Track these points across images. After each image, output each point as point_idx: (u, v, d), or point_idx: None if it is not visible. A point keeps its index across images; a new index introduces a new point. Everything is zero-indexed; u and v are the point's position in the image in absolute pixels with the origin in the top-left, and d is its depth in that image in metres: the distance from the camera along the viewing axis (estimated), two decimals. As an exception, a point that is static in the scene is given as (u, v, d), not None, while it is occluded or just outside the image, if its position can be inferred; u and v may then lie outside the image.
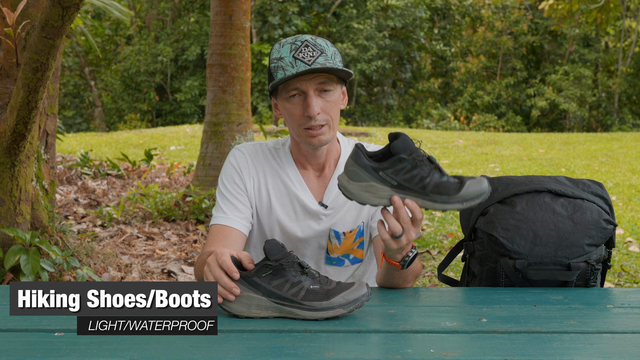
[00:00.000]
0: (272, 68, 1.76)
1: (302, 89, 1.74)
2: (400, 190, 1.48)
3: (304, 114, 1.74)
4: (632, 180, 8.04)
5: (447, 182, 1.46)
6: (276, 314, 1.43)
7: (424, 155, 1.47)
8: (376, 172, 1.48)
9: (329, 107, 1.76)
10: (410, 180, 1.46)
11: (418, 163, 1.46)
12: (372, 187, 1.48)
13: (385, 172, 1.47)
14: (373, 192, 1.49)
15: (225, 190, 1.88)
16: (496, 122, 22.56)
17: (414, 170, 1.46)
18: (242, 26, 5.99)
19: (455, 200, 1.46)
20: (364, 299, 1.42)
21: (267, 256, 1.43)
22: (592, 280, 1.77)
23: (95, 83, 23.07)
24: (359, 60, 21.17)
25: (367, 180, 1.48)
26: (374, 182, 1.48)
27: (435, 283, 4.06)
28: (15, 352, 1.23)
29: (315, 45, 1.74)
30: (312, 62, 1.71)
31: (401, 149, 1.47)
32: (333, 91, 1.77)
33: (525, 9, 23.90)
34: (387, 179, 1.48)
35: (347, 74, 1.75)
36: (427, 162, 1.47)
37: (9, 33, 2.67)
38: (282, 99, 1.78)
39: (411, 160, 1.46)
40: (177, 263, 4.27)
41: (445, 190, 1.46)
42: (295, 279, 1.42)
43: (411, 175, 1.46)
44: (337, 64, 1.75)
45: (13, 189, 2.85)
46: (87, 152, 7.99)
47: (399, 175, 1.47)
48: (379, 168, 1.47)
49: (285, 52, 1.73)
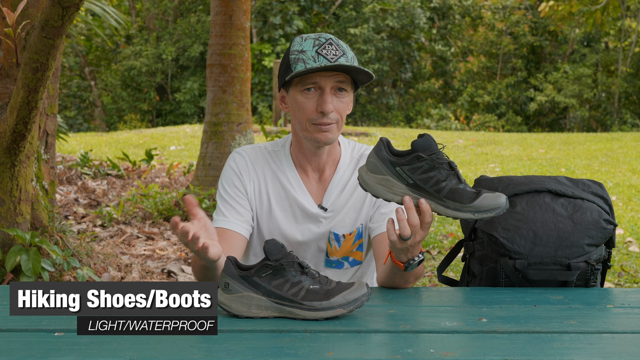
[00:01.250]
0: (292, 59, 1.75)
1: (320, 84, 1.74)
2: (414, 189, 1.47)
3: (317, 109, 1.75)
4: (632, 180, 8.04)
5: (464, 189, 1.45)
6: (276, 314, 1.43)
7: (445, 160, 1.46)
8: (393, 167, 1.48)
9: (341, 108, 1.78)
10: (427, 181, 1.46)
11: (436, 165, 1.45)
12: (387, 181, 1.48)
13: (402, 168, 1.47)
14: (388, 187, 1.49)
15: (225, 194, 1.88)
16: (496, 122, 22.55)
17: (431, 172, 1.45)
18: (242, 26, 5.99)
19: (467, 210, 1.45)
20: (364, 299, 1.42)
21: (267, 256, 1.44)
22: (592, 280, 1.77)
23: (95, 83, 23.07)
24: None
25: (383, 173, 1.48)
26: (390, 177, 1.48)
27: (435, 283, 4.06)
28: (15, 352, 1.23)
29: (339, 45, 1.76)
30: (335, 60, 1.72)
31: (421, 147, 1.46)
32: (347, 93, 1.78)
33: (525, 9, 23.91)
34: (403, 175, 1.47)
35: (368, 76, 1.76)
36: (447, 166, 1.46)
37: (9, 33, 2.67)
38: (295, 91, 1.78)
39: (429, 160, 1.45)
40: (177, 263, 4.27)
41: (460, 197, 1.45)
42: (295, 279, 1.42)
43: (428, 176, 1.46)
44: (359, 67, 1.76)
45: (13, 189, 2.85)
46: (87, 152, 7.99)
47: (415, 174, 1.46)
48: (397, 163, 1.47)
49: (308, 46, 1.74)
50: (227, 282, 1.45)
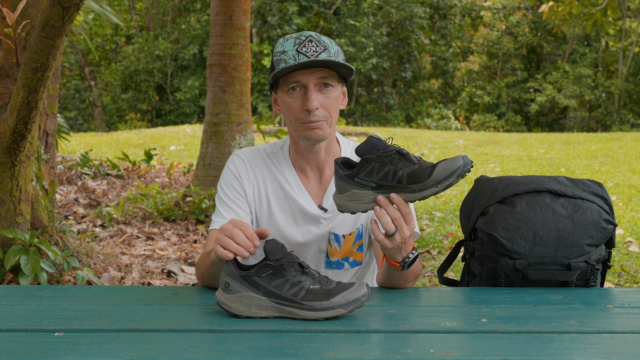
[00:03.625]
0: (275, 61, 1.76)
1: (302, 82, 1.74)
2: (381, 190, 1.49)
3: (303, 107, 1.74)
4: (632, 180, 8.04)
5: (419, 169, 1.46)
6: (276, 313, 1.43)
7: (393, 150, 1.47)
8: (352, 179, 1.49)
9: (329, 104, 1.76)
10: (385, 177, 1.47)
11: (385, 159, 1.47)
12: (355, 195, 1.50)
13: (360, 177, 1.49)
14: (357, 199, 1.51)
15: (224, 196, 1.88)
16: (496, 122, 22.56)
17: (385, 168, 1.47)
18: (242, 26, 5.99)
19: (430, 184, 1.45)
20: (364, 299, 1.42)
21: (267, 256, 1.43)
22: (592, 280, 1.77)
23: (95, 83, 23.07)
24: (355, 59, 21.18)
25: (348, 189, 1.50)
26: (355, 189, 1.50)
27: (435, 283, 4.06)
28: (15, 352, 1.23)
29: (319, 41, 1.74)
30: (315, 57, 1.71)
31: (365, 150, 1.48)
32: (333, 88, 1.77)
33: (525, 9, 23.90)
34: (364, 183, 1.49)
35: (348, 70, 1.75)
36: (396, 154, 1.47)
37: (9, 33, 2.67)
38: (282, 92, 1.78)
39: (377, 158, 1.47)
40: (177, 263, 4.27)
41: (419, 177, 1.46)
42: (295, 279, 1.42)
43: (384, 173, 1.47)
44: (339, 61, 1.75)
45: (13, 189, 2.85)
46: (87, 152, 7.99)
47: (373, 177, 1.48)
48: (353, 174, 1.49)
49: (289, 45, 1.74)
50: (227, 282, 1.45)
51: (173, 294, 1.65)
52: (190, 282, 3.94)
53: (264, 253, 1.44)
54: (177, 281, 3.98)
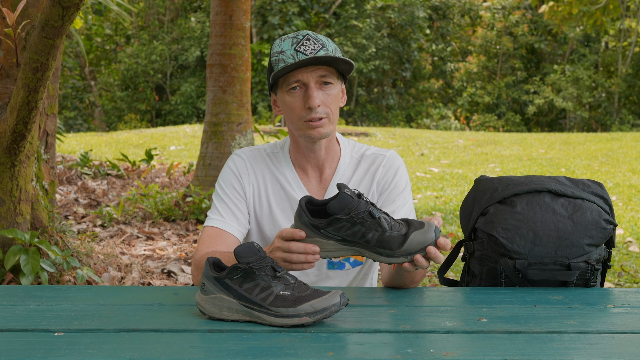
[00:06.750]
0: (273, 61, 1.76)
1: (303, 80, 1.74)
2: (346, 243, 1.50)
3: (304, 106, 1.74)
4: (632, 180, 8.04)
5: (390, 236, 1.47)
6: (246, 317, 1.40)
7: (365, 211, 1.46)
8: (318, 230, 1.49)
9: (330, 101, 1.77)
10: (353, 235, 1.48)
11: (357, 221, 1.46)
12: (318, 242, 1.50)
13: (327, 230, 1.48)
14: (320, 247, 1.50)
15: (223, 194, 1.87)
16: (496, 122, 22.56)
17: (355, 227, 1.47)
18: (242, 26, 5.99)
19: (399, 254, 1.47)
20: (334, 309, 1.36)
21: (236, 259, 1.41)
22: (592, 280, 1.77)
23: (95, 83, 23.06)
24: (356, 59, 21.19)
25: (311, 236, 1.50)
26: (319, 238, 1.50)
27: (435, 283, 4.06)
28: (15, 352, 1.23)
29: (317, 39, 1.75)
30: (313, 54, 1.71)
31: (337, 209, 1.47)
32: (333, 85, 1.77)
33: (524, 9, 23.90)
34: (330, 235, 1.49)
35: (348, 65, 1.75)
36: (368, 217, 1.46)
37: (9, 33, 2.67)
38: (282, 92, 1.78)
39: (349, 219, 1.46)
40: (177, 263, 4.27)
41: (389, 245, 1.47)
42: (265, 284, 1.38)
43: (352, 232, 1.48)
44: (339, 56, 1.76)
45: (13, 189, 2.85)
46: (87, 152, 7.99)
47: (340, 232, 1.48)
48: (320, 227, 1.49)
49: (287, 45, 1.74)
50: (204, 283, 1.43)
51: (173, 294, 1.65)
52: (190, 282, 3.94)
53: (234, 256, 1.42)
54: (177, 281, 3.98)
